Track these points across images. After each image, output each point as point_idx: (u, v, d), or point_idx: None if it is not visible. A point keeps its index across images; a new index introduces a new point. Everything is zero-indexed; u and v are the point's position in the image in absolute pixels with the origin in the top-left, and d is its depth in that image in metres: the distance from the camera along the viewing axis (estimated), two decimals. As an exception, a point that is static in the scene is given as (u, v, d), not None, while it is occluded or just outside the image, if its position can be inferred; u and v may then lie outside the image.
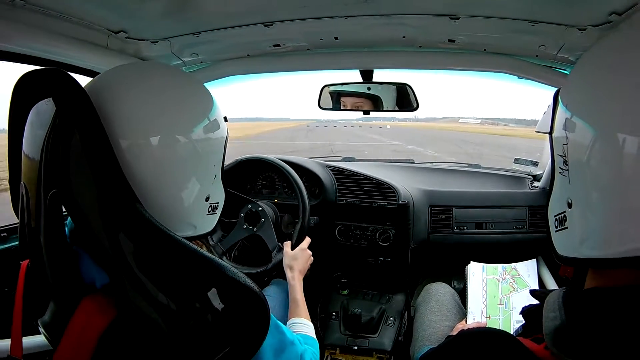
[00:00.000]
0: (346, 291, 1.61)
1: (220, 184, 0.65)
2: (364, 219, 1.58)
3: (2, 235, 1.18)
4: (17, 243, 0.61)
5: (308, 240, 1.26)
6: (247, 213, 1.40)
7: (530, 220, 1.51)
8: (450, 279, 1.67)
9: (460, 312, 1.27)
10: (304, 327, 0.95)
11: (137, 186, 0.51)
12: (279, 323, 0.61)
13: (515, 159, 1.78)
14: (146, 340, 0.50)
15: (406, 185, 1.59)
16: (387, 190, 1.55)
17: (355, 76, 1.39)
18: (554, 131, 0.47)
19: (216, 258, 0.51)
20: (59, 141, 0.49)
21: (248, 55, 1.33)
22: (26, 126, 0.55)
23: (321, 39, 1.20)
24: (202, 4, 0.95)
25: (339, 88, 1.46)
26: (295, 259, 1.17)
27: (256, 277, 1.32)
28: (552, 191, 0.49)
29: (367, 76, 1.38)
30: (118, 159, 0.49)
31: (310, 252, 1.23)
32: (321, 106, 1.48)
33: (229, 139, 0.66)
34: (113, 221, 0.48)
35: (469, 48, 1.22)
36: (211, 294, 0.49)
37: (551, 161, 0.48)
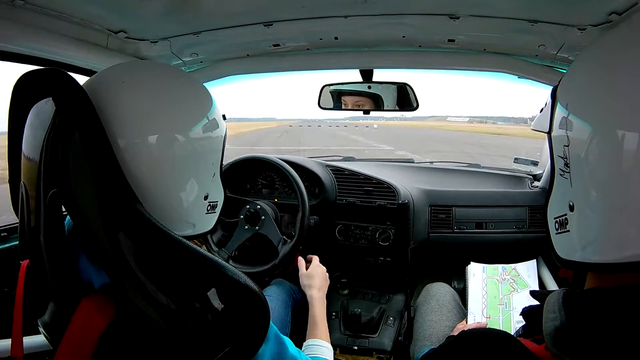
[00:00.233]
0: (346, 291, 1.61)
1: (219, 182, 0.65)
2: (364, 219, 1.57)
3: (2, 235, 1.18)
4: (17, 243, 0.60)
5: (317, 257, 1.26)
6: (247, 214, 1.40)
7: (530, 220, 1.50)
8: (450, 279, 1.67)
9: (461, 312, 1.26)
10: (321, 349, 0.90)
11: (136, 185, 0.51)
12: (280, 335, 0.59)
13: (515, 159, 1.77)
14: (146, 340, 0.50)
15: (406, 185, 1.59)
16: (387, 190, 1.55)
17: (355, 76, 1.39)
18: (552, 131, 0.46)
19: (216, 258, 0.51)
20: (58, 141, 0.49)
21: (248, 55, 1.33)
22: (26, 126, 0.55)
23: (321, 38, 1.20)
24: (202, 4, 0.95)
25: (340, 87, 1.46)
26: (311, 278, 1.17)
27: (262, 275, 1.32)
28: (552, 192, 0.47)
29: (367, 76, 1.38)
30: (117, 158, 0.49)
31: (324, 267, 1.23)
32: (321, 106, 1.48)
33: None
34: (113, 221, 0.48)
35: (469, 48, 1.22)
36: (211, 294, 0.49)
37: (550, 162, 0.47)
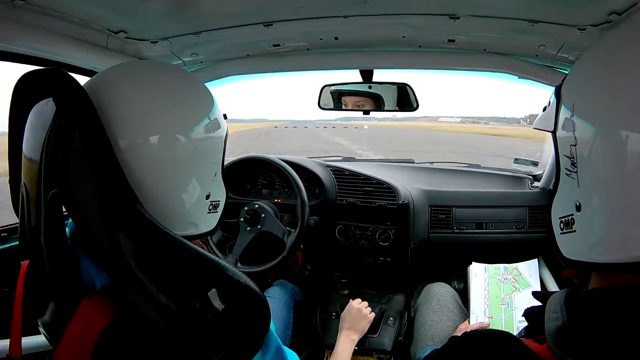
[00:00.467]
0: (346, 291, 1.61)
1: (221, 182, 0.65)
2: (364, 219, 1.57)
3: (2, 235, 1.18)
4: (17, 243, 0.60)
5: (364, 302, 1.29)
6: (246, 216, 1.40)
7: (530, 220, 1.50)
8: (450, 279, 1.67)
9: (461, 313, 1.26)
10: None
11: (137, 186, 0.50)
12: (283, 348, 0.57)
13: (515, 159, 1.77)
14: (146, 341, 0.50)
15: (406, 185, 1.59)
16: (387, 190, 1.55)
17: (355, 76, 1.39)
18: (558, 130, 0.46)
19: (216, 258, 0.51)
20: (59, 141, 0.49)
21: (248, 55, 1.32)
22: (26, 126, 0.55)
23: (321, 39, 1.20)
24: (202, 4, 0.95)
25: (340, 88, 1.46)
26: (343, 319, 1.23)
27: (274, 270, 1.34)
28: (557, 192, 0.47)
29: (367, 76, 1.38)
30: (118, 159, 0.49)
31: (358, 307, 1.25)
32: (321, 106, 1.48)
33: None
34: (113, 221, 0.48)
35: (469, 48, 1.22)
36: (211, 294, 0.48)
37: (556, 161, 0.47)
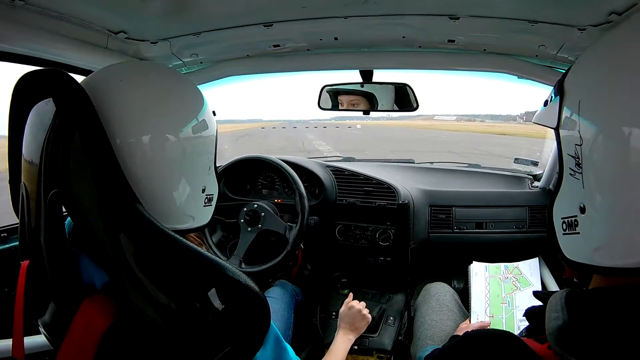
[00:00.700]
0: (346, 291, 1.61)
1: (214, 176, 0.65)
2: (364, 219, 1.58)
3: (2, 235, 1.18)
4: (17, 243, 0.61)
5: (360, 303, 1.27)
6: (246, 218, 1.40)
7: (530, 220, 1.51)
8: (450, 278, 1.67)
9: (461, 312, 1.26)
10: None
11: (135, 183, 0.51)
12: (281, 338, 0.58)
13: (515, 159, 1.77)
14: (147, 340, 0.50)
15: (406, 185, 1.59)
16: (387, 190, 1.55)
17: (355, 76, 1.39)
18: (561, 127, 0.44)
19: (216, 258, 0.51)
20: (59, 141, 0.49)
21: (248, 55, 1.32)
22: (26, 126, 0.55)
23: (321, 39, 1.20)
24: (202, 4, 0.95)
25: (336, 87, 1.47)
26: (342, 318, 1.23)
27: (279, 267, 1.34)
28: (560, 192, 0.46)
29: (366, 76, 1.38)
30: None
31: (359, 308, 1.24)
32: (321, 106, 1.49)
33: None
34: (113, 221, 0.48)
35: (468, 48, 1.22)
36: (211, 294, 0.49)
37: (558, 159, 0.45)
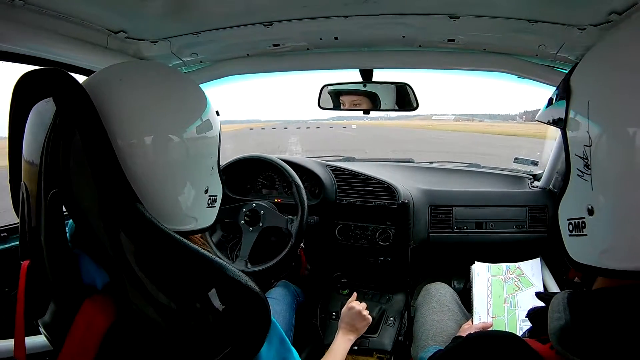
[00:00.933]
0: (346, 291, 1.61)
1: (218, 176, 0.65)
2: (364, 219, 1.58)
3: (2, 235, 1.17)
4: (17, 243, 0.60)
5: (362, 305, 1.26)
6: (246, 218, 1.40)
7: (530, 220, 1.51)
8: (450, 279, 1.67)
9: (462, 312, 1.26)
10: None
11: (137, 184, 0.50)
12: (286, 339, 0.59)
13: (515, 159, 1.77)
14: (148, 341, 0.50)
15: (406, 185, 1.59)
16: (387, 190, 1.55)
17: (355, 76, 1.39)
18: (568, 127, 0.44)
19: (217, 258, 0.51)
20: (59, 141, 0.49)
21: (248, 55, 1.32)
22: (26, 126, 0.55)
23: (321, 38, 1.20)
24: (202, 4, 0.95)
25: (338, 87, 1.47)
26: (342, 318, 1.23)
27: (286, 260, 1.34)
28: (566, 192, 0.45)
29: (366, 76, 1.38)
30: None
31: (359, 309, 1.22)
32: (321, 106, 1.49)
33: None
34: (113, 221, 0.48)
35: (468, 48, 1.22)
36: (212, 294, 0.49)
37: (565, 159, 0.45)
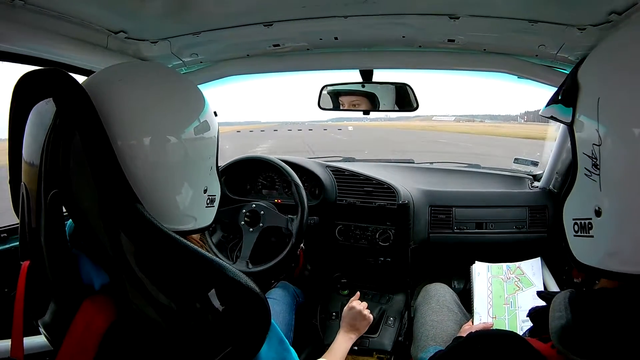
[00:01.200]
0: (346, 291, 1.61)
1: (216, 176, 0.65)
2: (364, 219, 1.57)
3: (2, 235, 1.17)
4: (17, 244, 0.60)
5: (362, 303, 1.25)
6: (246, 219, 1.40)
7: (530, 220, 1.50)
8: (450, 279, 1.67)
9: (461, 312, 1.26)
10: None
11: (136, 184, 0.50)
12: (285, 340, 0.59)
13: (515, 159, 1.77)
14: (147, 341, 0.50)
15: (406, 185, 1.59)
16: (387, 191, 1.55)
17: (355, 76, 1.39)
18: (576, 124, 0.43)
19: (217, 259, 0.51)
20: (59, 141, 0.49)
21: (248, 55, 1.32)
22: (26, 126, 0.55)
23: (321, 39, 1.20)
24: (202, 4, 0.95)
25: (337, 88, 1.47)
26: (343, 318, 1.23)
27: (288, 259, 1.34)
28: (572, 191, 0.44)
29: (366, 76, 1.38)
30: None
31: (359, 309, 1.22)
32: (321, 106, 1.49)
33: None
34: (113, 221, 0.48)
35: (468, 48, 1.22)
36: (212, 295, 0.49)
37: (572, 157, 0.44)
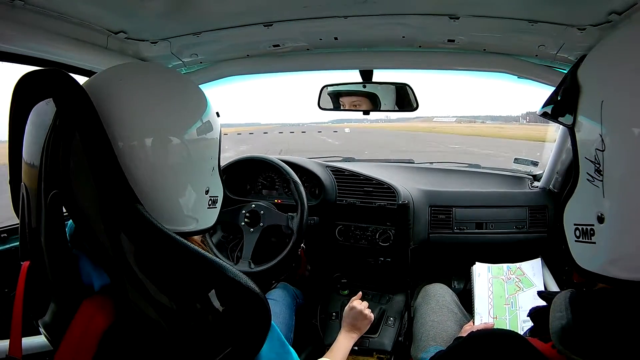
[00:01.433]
0: (346, 291, 1.60)
1: (218, 177, 0.65)
2: (364, 219, 1.57)
3: (2, 236, 1.17)
4: (17, 244, 0.61)
5: (362, 303, 1.24)
6: (246, 220, 1.40)
7: (530, 220, 1.50)
8: (450, 279, 1.67)
9: (461, 313, 1.26)
10: None
11: (137, 185, 0.50)
12: (286, 342, 0.59)
13: (515, 159, 1.77)
14: (147, 341, 0.50)
15: (406, 186, 1.59)
16: (387, 191, 1.55)
17: (355, 76, 1.39)
18: (577, 126, 0.43)
19: (217, 259, 0.51)
20: (59, 142, 0.48)
21: (248, 55, 1.33)
22: (26, 127, 0.55)
23: (321, 39, 1.20)
24: (202, 4, 0.95)
25: (338, 88, 1.47)
26: (344, 317, 1.23)
27: (289, 257, 1.34)
28: (573, 196, 0.44)
29: (366, 76, 1.38)
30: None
31: (360, 309, 1.21)
32: (321, 106, 1.49)
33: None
34: (114, 222, 0.48)
35: (468, 48, 1.23)
36: (212, 295, 0.49)
37: (574, 161, 0.43)
